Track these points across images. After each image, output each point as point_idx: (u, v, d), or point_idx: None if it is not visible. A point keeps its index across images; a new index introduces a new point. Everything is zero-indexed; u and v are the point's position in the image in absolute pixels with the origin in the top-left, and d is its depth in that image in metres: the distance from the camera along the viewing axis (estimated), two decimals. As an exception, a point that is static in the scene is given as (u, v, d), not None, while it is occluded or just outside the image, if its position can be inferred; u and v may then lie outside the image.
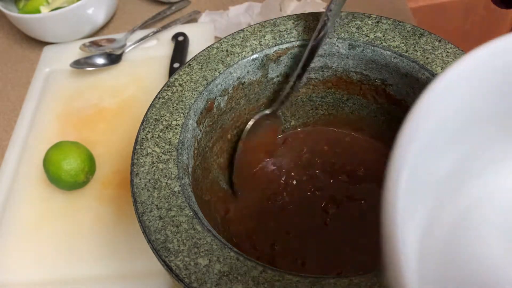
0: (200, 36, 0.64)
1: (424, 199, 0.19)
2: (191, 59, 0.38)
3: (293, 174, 0.43)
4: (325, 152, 0.44)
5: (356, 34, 0.38)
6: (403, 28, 0.38)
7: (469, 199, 0.21)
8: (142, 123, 0.35)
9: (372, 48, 0.37)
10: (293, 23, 0.39)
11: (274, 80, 0.41)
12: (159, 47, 0.64)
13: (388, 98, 0.40)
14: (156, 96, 0.36)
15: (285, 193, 0.43)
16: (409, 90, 0.37)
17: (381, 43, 0.37)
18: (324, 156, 0.44)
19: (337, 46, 0.38)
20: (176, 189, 0.31)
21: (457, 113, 0.18)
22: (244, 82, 0.39)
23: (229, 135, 0.42)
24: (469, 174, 0.21)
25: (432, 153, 0.18)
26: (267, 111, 0.41)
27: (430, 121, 0.17)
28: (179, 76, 0.37)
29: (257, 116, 0.41)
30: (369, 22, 0.38)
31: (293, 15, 0.40)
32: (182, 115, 0.35)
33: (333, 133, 0.46)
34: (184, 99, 0.36)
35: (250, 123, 0.41)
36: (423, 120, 0.17)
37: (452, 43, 0.36)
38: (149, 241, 0.29)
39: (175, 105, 0.36)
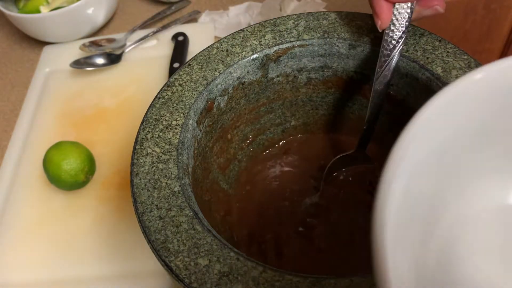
0: (200, 36, 0.64)
1: (413, 229, 0.19)
2: (191, 59, 0.38)
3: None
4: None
5: (357, 34, 0.38)
6: (403, 28, 0.38)
7: (452, 221, 0.21)
8: (142, 123, 0.35)
9: (373, 48, 0.37)
10: (293, 23, 0.39)
11: (274, 80, 0.41)
12: (159, 47, 0.64)
13: (388, 98, 0.40)
14: (156, 96, 0.36)
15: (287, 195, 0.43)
16: (409, 90, 0.37)
17: (381, 43, 0.37)
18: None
19: (337, 46, 0.38)
20: (176, 189, 0.31)
21: (441, 143, 0.19)
22: (244, 82, 0.39)
23: (229, 135, 0.42)
24: (449, 199, 0.21)
25: (418, 182, 0.19)
26: (348, 152, 0.41)
27: (415, 151, 0.18)
28: (179, 76, 0.37)
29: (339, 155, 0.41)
30: (370, 22, 0.38)
31: (293, 15, 0.40)
32: (182, 115, 0.35)
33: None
34: (184, 99, 0.36)
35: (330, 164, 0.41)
36: (409, 151, 0.18)
37: (452, 43, 0.36)
38: (149, 241, 0.29)
39: (175, 105, 0.36)
